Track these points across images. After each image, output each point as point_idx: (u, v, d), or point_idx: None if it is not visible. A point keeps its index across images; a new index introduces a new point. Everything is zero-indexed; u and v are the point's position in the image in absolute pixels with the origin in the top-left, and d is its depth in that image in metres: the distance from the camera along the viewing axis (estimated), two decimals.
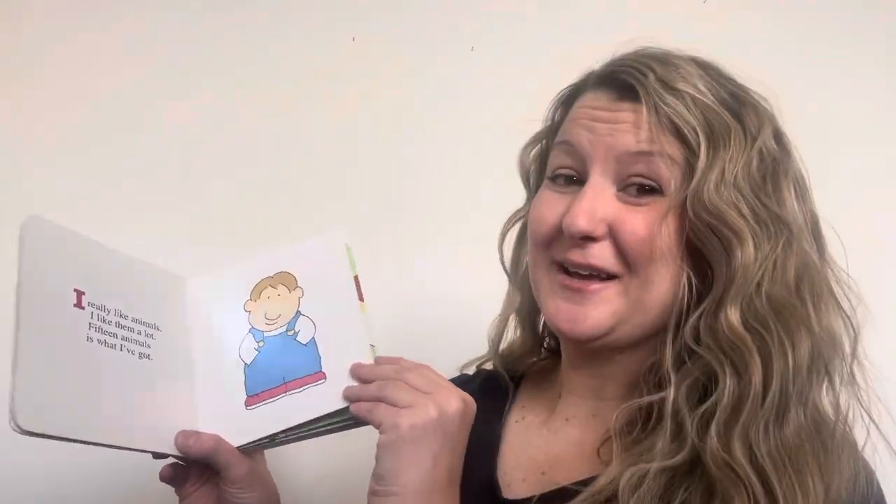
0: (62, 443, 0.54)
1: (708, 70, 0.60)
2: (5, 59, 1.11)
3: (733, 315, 0.52)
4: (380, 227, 1.11)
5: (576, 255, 0.58)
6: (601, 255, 0.57)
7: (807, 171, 0.61)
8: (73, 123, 1.11)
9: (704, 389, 0.54)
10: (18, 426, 0.50)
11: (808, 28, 1.15)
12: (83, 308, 0.60)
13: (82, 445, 0.55)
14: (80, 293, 0.60)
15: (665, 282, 0.56)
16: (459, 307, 1.06)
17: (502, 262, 0.73)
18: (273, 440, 0.65)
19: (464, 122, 1.14)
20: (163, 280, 0.71)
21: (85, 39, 1.13)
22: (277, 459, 0.73)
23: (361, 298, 0.67)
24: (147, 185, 1.10)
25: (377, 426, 0.56)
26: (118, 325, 0.62)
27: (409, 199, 1.13)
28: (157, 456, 0.65)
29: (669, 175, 0.55)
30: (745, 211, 0.54)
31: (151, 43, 1.14)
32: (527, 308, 0.72)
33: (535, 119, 0.70)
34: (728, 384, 0.51)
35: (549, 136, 0.67)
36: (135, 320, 0.64)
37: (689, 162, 0.55)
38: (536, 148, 0.70)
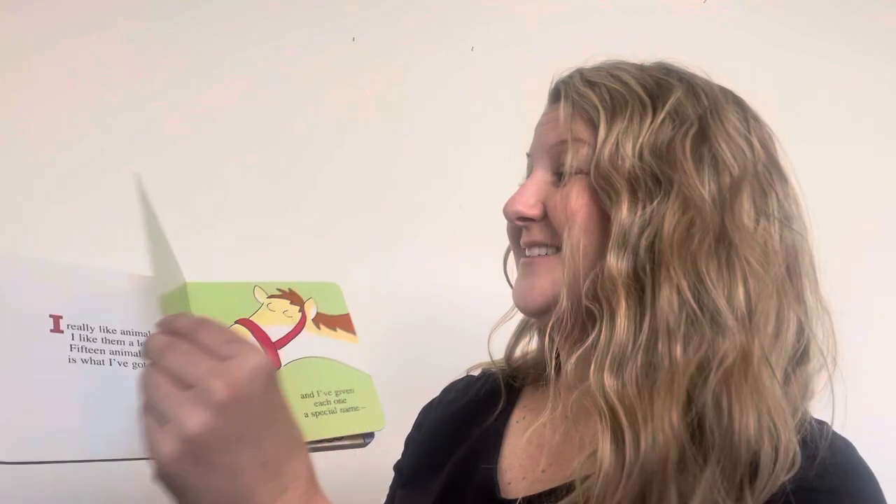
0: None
1: (655, 68, 0.64)
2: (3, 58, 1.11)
3: (611, 264, 0.56)
4: (380, 227, 1.11)
5: (524, 237, 0.65)
6: (540, 231, 0.63)
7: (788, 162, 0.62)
8: (71, 125, 1.11)
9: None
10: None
11: (808, 28, 1.15)
12: (62, 332, 0.60)
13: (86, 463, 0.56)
14: (56, 318, 0.60)
15: (593, 252, 0.59)
16: (460, 308, 1.06)
17: (506, 278, 0.74)
18: None
19: (464, 121, 1.14)
20: (148, 286, 0.71)
21: (84, 39, 1.13)
22: None
23: (355, 333, 0.71)
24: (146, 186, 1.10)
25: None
26: (105, 340, 0.62)
27: (408, 199, 1.13)
28: None
29: (572, 158, 0.60)
30: (630, 173, 0.57)
31: (151, 43, 1.14)
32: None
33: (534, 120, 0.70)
34: (601, 329, 0.56)
35: None
36: (124, 332, 0.64)
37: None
38: None
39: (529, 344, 0.76)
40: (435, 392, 0.83)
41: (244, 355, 0.42)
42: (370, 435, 0.64)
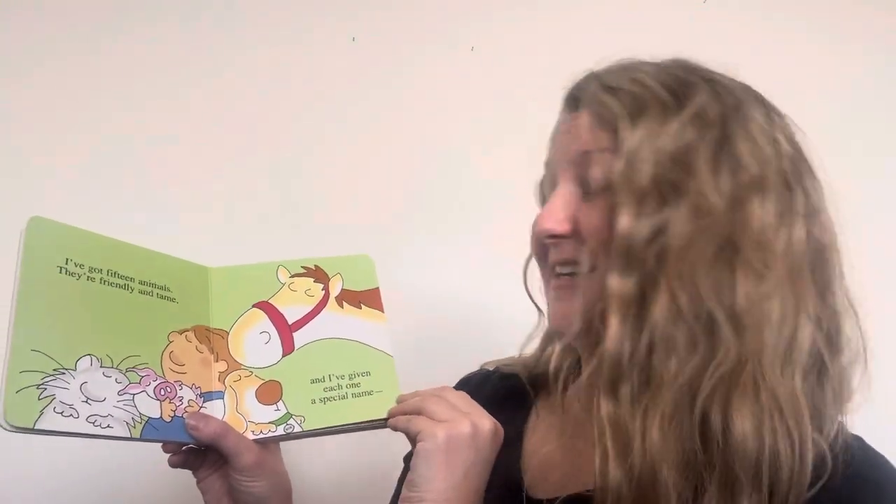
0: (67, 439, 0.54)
1: (675, 66, 0.60)
2: (7, 58, 1.11)
3: (611, 281, 0.54)
4: (379, 227, 1.11)
5: (553, 254, 0.62)
6: (571, 249, 0.60)
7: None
8: (75, 125, 1.11)
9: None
10: (8, 423, 0.51)
11: (808, 28, 1.15)
12: None
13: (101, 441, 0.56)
14: None
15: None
16: (469, 309, 1.06)
17: (527, 291, 0.72)
18: (289, 435, 0.65)
19: (464, 121, 1.14)
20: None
21: (86, 40, 1.13)
22: (287, 454, 0.73)
23: (382, 310, 0.70)
24: (145, 186, 1.10)
25: (414, 435, 0.59)
26: None
27: (408, 199, 1.13)
28: (167, 449, 0.66)
29: (599, 170, 0.58)
30: (641, 181, 0.54)
31: (150, 44, 1.14)
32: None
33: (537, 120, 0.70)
34: (602, 348, 0.54)
35: None
36: None
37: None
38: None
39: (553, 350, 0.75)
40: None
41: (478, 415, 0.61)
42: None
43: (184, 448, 0.67)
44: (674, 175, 0.54)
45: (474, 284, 1.07)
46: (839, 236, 0.58)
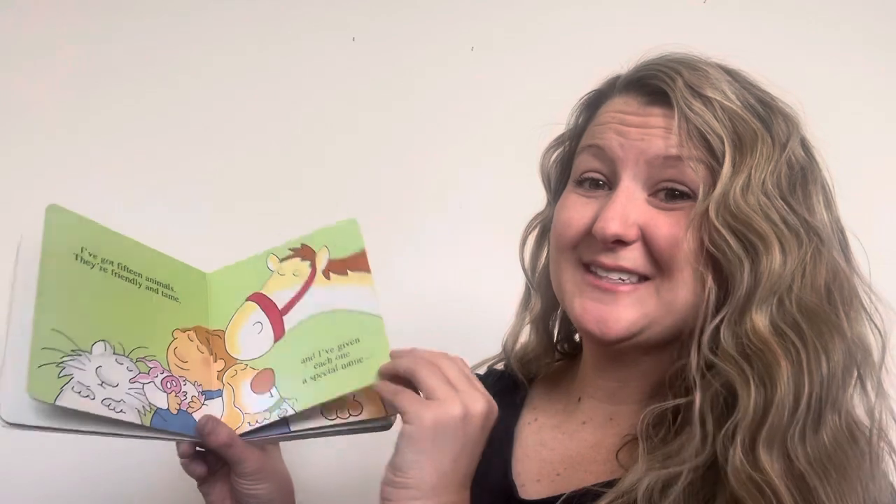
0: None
1: (735, 76, 0.59)
2: (14, 54, 1.11)
3: (759, 320, 0.51)
4: (379, 227, 1.11)
5: (606, 258, 0.58)
6: (633, 257, 0.57)
7: (831, 178, 0.60)
8: (81, 121, 1.11)
9: (726, 401, 0.53)
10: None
11: (808, 28, 1.15)
12: None
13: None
14: None
15: (691, 285, 0.56)
16: (464, 307, 1.06)
17: (523, 266, 0.72)
18: (286, 435, 0.64)
19: (464, 121, 1.14)
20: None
21: (90, 40, 1.13)
22: (288, 453, 0.73)
23: (368, 270, 0.68)
24: (145, 186, 1.10)
25: (401, 413, 0.56)
26: None
27: (408, 199, 1.13)
28: (184, 453, 0.65)
29: (698, 180, 0.55)
30: (774, 216, 0.53)
31: (150, 43, 1.14)
32: (541, 311, 0.72)
33: (548, 123, 0.70)
34: (753, 394, 0.50)
35: (573, 140, 0.67)
36: None
37: (714, 169, 0.55)
38: (558, 151, 0.70)
39: (529, 337, 0.75)
40: None
41: (470, 395, 0.56)
42: (392, 416, 0.62)
43: (196, 448, 0.66)
44: (796, 210, 0.54)
45: (474, 285, 1.07)
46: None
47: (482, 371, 0.80)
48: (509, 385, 0.74)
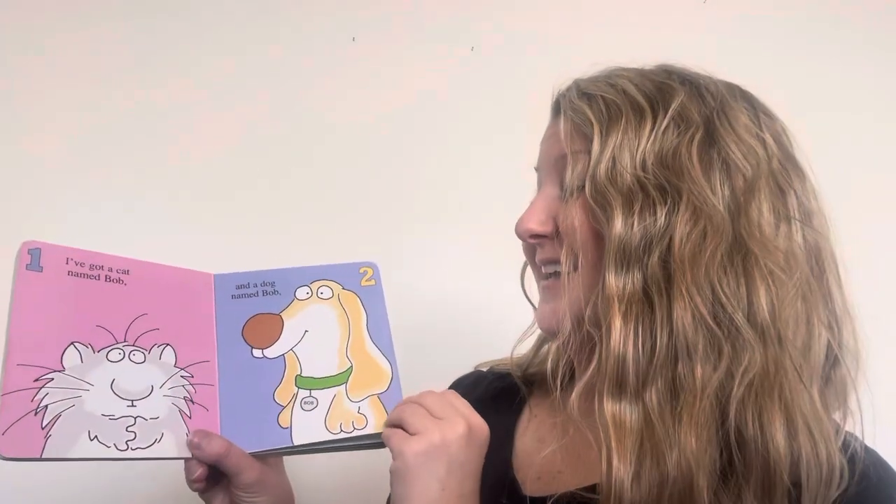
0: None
1: (656, 71, 0.62)
2: (14, 54, 1.11)
3: (608, 278, 0.54)
4: (380, 226, 1.11)
5: (538, 254, 0.63)
6: (553, 248, 0.62)
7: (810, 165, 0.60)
8: (77, 131, 1.11)
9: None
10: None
11: (810, 28, 1.15)
12: None
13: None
14: None
15: (593, 271, 0.58)
16: (464, 307, 1.06)
17: (523, 290, 0.72)
18: (288, 449, 0.64)
19: (464, 121, 1.14)
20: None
21: (91, 43, 1.13)
22: (290, 458, 0.73)
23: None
24: (146, 186, 1.10)
25: (391, 453, 0.59)
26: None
27: (408, 199, 1.13)
28: (198, 478, 0.64)
29: (572, 173, 0.59)
30: (628, 185, 0.55)
31: (150, 43, 1.14)
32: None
33: (548, 124, 0.70)
34: (602, 352, 0.54)
35: None
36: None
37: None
38: None
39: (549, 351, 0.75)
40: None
41: (452, 421, 0.58)
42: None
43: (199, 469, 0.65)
44: (661, 177, 0.55)
45: (473, 285, 1.07)
46: (832, 239, 0.58)
47: (485, 369, 0.80)
48: (511, 383, 0.74)
